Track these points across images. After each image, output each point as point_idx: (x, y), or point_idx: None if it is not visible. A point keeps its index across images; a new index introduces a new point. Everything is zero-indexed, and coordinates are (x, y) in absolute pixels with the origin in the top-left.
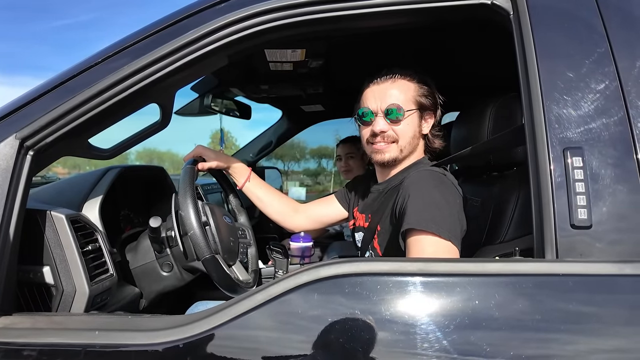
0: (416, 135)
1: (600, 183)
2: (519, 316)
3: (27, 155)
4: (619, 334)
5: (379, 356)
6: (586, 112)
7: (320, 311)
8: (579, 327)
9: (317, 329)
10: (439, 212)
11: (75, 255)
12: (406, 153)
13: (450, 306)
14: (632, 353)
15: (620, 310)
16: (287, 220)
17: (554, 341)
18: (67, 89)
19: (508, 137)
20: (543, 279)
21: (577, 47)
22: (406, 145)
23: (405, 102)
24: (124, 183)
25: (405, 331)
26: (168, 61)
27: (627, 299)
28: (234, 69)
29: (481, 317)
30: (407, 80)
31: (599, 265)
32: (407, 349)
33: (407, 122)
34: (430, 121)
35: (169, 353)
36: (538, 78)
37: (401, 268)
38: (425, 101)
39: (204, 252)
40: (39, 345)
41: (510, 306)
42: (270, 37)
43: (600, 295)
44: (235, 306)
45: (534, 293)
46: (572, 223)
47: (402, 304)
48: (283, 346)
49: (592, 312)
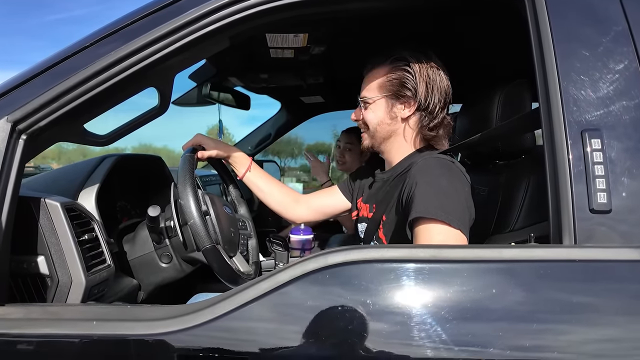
0: (386, 121)
1: (620, 166)
2: (539, 303)
3: (20, 139)
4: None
5: (388, 347)
6: (604, 93)
7: (330, 299)
8: (599, 314)
9: (326, 319)
10: (448, 200)
11: (71, 244)
12: (380, 139)
13: (465, 294)
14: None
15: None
16: (289, 211)
17: (572, 331)
18: (60, 71)
19: (520, 122)
20: (562, 265)
21: (593, 26)
22: (375, 133)
23: (371, 89)
24: (121, 173)
25: (417, 320)
26: (166, 42)
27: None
28: (233, 56)
29: (498, 305)
30: (381, 67)
31: (620, 250)
32: (420, 338)
33: (371, 109)
34: (413, 106)
35: (169, 343)
36: (554, 59)
37: (412, 255)
38: (397, 88)
39: (205, 242)
40: (33, 336)
41: (529, 293)
42: (273, 18)
43: (622, 281)
44: (237, 296)
45: (552, 279)
46: (591, 207)
47: (414, 292)
48: (282, 337)
49: (613, 298)
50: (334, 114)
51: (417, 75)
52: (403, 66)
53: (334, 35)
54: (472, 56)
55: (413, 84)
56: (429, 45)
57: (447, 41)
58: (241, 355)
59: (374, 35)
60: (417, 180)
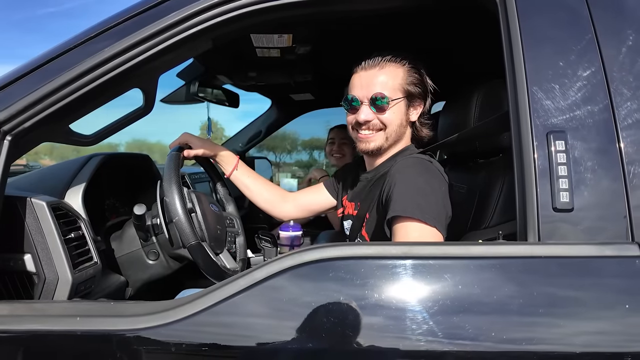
0: (403, 123)
1: (582, 167)
2: (502, 299)
3: (5, 140)
4: (600, 316)
5: (362, 339)
6: (570, 98)
7: (305, 295)
8: (561, 309)
9: (301, 312)
10: (424, 199)
11: (57, 242)
12: (392, 141)
13: (434, 289)
14: (613, 335)
15: (601, 292)
16: (276, 209)
17: (537, 324)
18: (46, 72)
19: (494, 123)
20: (525, 262)
21: (562, 33)
22: (392, 134)
23: (391, 90)
24: (109, 171)
25: (390, 314)
26: (150, 44)
27: (607, 281)
28: (221, 55)
29: (465, 300)
30: (395, 67)
31: (580, 247)
32: (392, 332)
33: (393, 110)
34: (420, 109)
35: (150, 338)
36: (523, 63)
37: (385, 252)
38: (413, 89)
39: (189, 239)
40: (17, 332)
41: (493, 289)
42: (256, 20)
43: (582, 277)
44: (218, 291)
45: (516, 275)
46: (554, 206)
47: (387, 288)
48: (265, 330)
49: (573, 294)
50: (326, 110)
51: (425, 78)
52: (417, 69)
53: (318, 35)
54: (450, 56)
55: (424, 88)
56: (413, 46)
57: (428, 41)
58: (222, 347)
59: (359, 35)
60: (395, 180)
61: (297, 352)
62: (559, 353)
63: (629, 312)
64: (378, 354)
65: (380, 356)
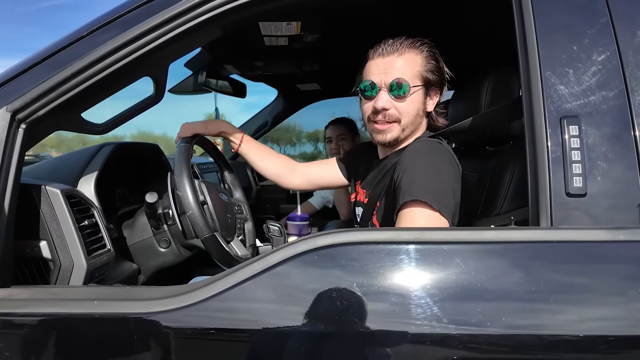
0: (420, 113)
1: (596, 152)
2: (513, 284)
3: (19, 128)
4: (612, 301)
5: (373, 324)
6: (584, 83)
7: (317, 280)
8: (571, 294)
9: (310, 299)
10: (432, 183)
11: (71, 229)
12: (408, 132)
13: (446, 274)
14: (626, 321)
15: (614, 277)
16: (284, 179)
17: (550, 309)
18: (57, 61)
19: (505, 109)
20: (538, 246)
21: (577, 16)
22: (409, 125)
23: (411, 77)
24: (119, 161)
25: (401, 300)
26: (160, 32)
27: (620, 265)
28: (229, 44)
29: (476, 285)
30: (414, 54)
31: (593, 232)
32: (401, 317)
33: (411, 99)
34: (436, 98)
35: (166, 321)
36: (536, 47)
37: (397, 237)
38: (432, 77)
39: (203, 231)
40: (38, 315)
41: (505, 274)
42: (266, 7)
43: (595, 261)
44: (231, 276)
45: (529, 261)
46: (567, 191)
47: (398, 273)
48: (278, 316)
49: (586, 278)
50: (332, 101)
51: (442, 65)
52: (434, 55)
53: (327, 23)
54: (464, 41)
55: (441, 76)
56: (425, 30)
57: (440, 26)
58: (234, 331)
59: (368, 23)
60: (405, 166)
61: (308, 336)
62: (573, 337)
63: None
64: (392, 335)
65: (393, 338)
